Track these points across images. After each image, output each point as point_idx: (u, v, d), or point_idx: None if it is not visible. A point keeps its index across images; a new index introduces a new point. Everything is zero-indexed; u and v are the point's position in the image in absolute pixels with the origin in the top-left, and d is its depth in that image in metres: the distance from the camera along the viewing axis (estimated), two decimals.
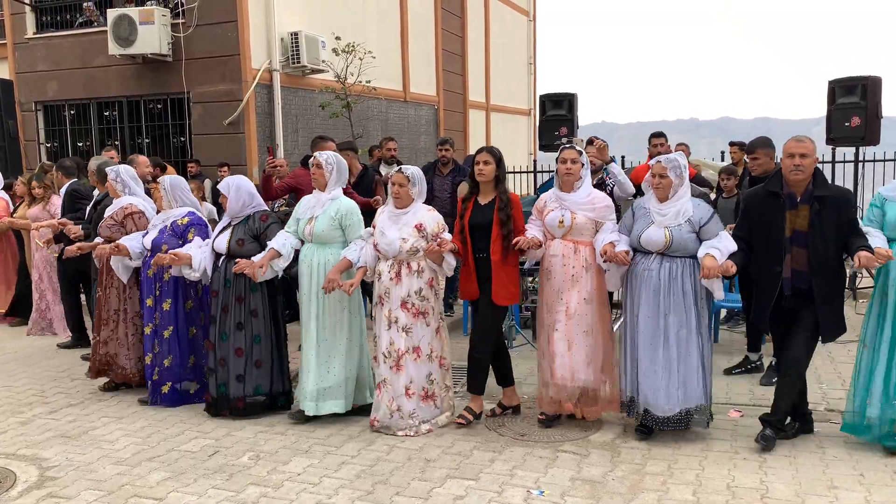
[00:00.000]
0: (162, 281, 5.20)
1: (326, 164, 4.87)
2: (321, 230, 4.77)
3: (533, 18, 21.56)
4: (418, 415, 4.63)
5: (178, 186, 5.34)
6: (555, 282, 4.55)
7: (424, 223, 4.60)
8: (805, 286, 4.11)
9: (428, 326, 4.65)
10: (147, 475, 4.13)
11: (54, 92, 11.21)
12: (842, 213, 4.09)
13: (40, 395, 5.60)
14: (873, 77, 7.74)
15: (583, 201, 4.54)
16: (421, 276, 4.60)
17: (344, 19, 11.80)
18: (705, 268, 4.11)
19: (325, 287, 4.63)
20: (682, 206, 4.27)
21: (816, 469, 3.95)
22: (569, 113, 9.08)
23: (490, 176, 4.59)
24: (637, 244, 4.35)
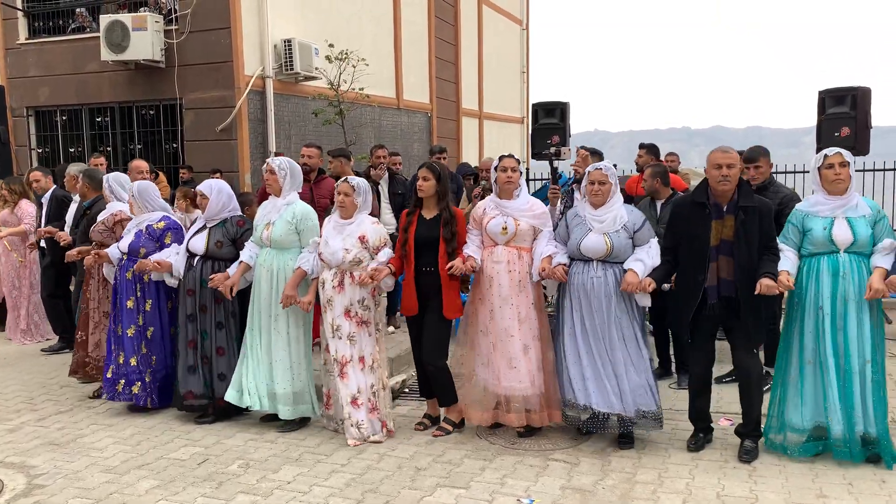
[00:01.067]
0: (142, 282, 5.24)
1: (279, 170, 4.91)
2: (278, 235, 4.81)
3: (526, 27, 21.64)
4: (366, 426, 4.63)
5: (145, 191, 5.39)
6: (501, 289, 4.58)
7: (367, 235, 4.66)
8: (732, 294, 4.17)
9: (370, 336, 4.72)
10: (136, 483, 4.10)
11: (46, 97, 11.17)
12: (763, 224, 4.18)
13: (29, 403, 5.57)
14: (863, 88, 7.79)
15: (524, 208, 4.63)
16: (364, 287, 4.64)
17: (337, 27, 11.81)
18: (625, 282, 4.26)
19: (283, 303, 4.71)
20: (618, 213, 4.40)
21: (806, 478, 3.96)
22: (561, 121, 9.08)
23: (430, 192, 4.65)
24: (577, 252, 4.43)
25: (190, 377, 5.03)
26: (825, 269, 4.12)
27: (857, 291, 4.06)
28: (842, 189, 4.13)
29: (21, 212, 7.35)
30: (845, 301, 4.08)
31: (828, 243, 4.13)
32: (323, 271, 4.71)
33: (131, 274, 5.24)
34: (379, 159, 7.62)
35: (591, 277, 4.37)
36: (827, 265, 4.13)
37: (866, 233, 4.08)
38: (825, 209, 4.16)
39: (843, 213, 4.12)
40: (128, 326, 5.23)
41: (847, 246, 4.10)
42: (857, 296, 4.06)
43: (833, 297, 4.10)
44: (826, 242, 4.13)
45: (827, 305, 4.11)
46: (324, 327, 4.74)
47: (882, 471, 4.01)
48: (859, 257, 4.10)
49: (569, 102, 9.26)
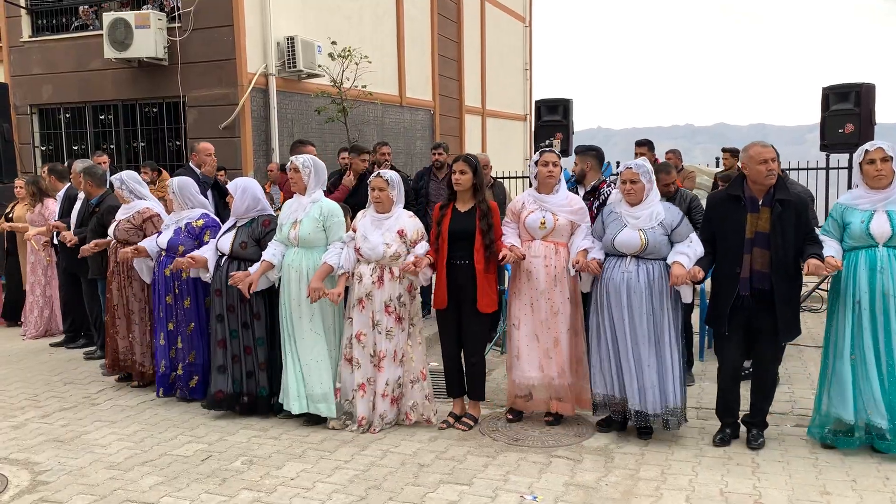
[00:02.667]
0: (180, 280, 5.27)
1: (304, 168, 4.86)
2: (306, 234, 4.78)
3: (529, 24, 21.62)
4: (388, 417, 4.76)
5: (186, 188, 5.42)
6: (538, 283, 4.62)
7: (406, 229, 4.66)
8: (766, 287, 4.17)
9: (403, 331, 4.74)
10: (139, 480, 4.11)
11: (49, 95, 11.19)
12: (801, 217, 4.18)
13: (33, 399, 5.58)
14: (867, 84, 7.79)
15: (563, 203, 4.64)
16: (402, 282, 4.67)
17: (340, 24, 11.81)
18: (674, 275, 4.24)
19: (311, 296, 4.67)
20: (655, 210, 4.38)
21: (809, 474, 3.96)
22: (564, 118, 9.11)
23: (467, 185, 4.65)
24: (611, 248, 4.44)
25: (219, 376, 5.04)
26: (863, 264, 4.10)
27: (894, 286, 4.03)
28: (884, 184, 4.07)
29: (48, 211, 7.39)
30: (884, 296, 4.05)
31: (865, 237, 4.10)
32: (359, 266, 4.69)
33: (169, 271, 5.27)
34: (383, 156, 7.63)
35: (623, 272, 4.37)
36: (865, 259, 4.10)
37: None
38: (865, 202, 4.14)
39: (883, 206, 4.08)
40: (168, 322, 5.33)
41: (886, 240, 4.06)
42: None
43: (871, 291, 4.07)
44: (864, 236, 4.10)
45: (865, 300, 4.09)
46: (355, 321, 4.70)
47: (886, 468, 4.01)
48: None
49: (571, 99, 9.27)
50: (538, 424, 4.79)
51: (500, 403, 5.23)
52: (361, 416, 4.73)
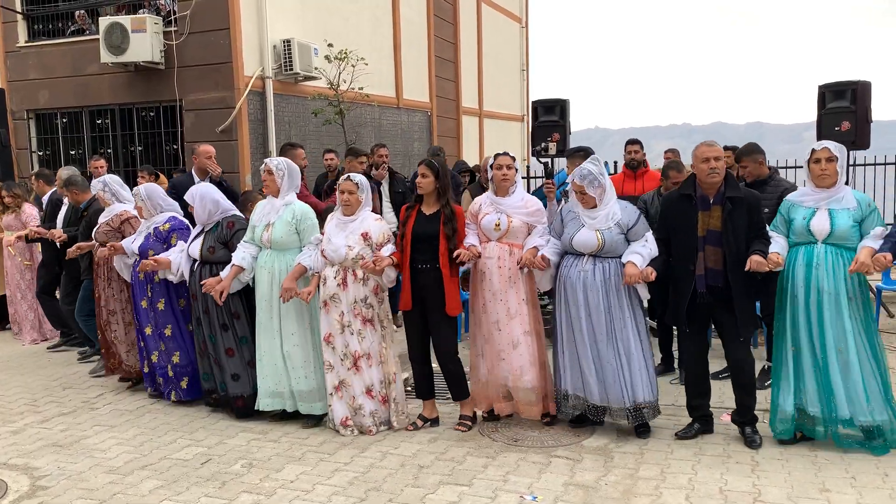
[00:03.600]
0: (153, 283, 5.37)
1: (277, 170, 4.91)
2: (279, 236, 4.82)
3: (525, 25, 21.62)
4: (379, 415, 4.76)
5: (154, 194, 5.52)
6: (491, 284, 4.66)
7: (370, 232, 4.67)
8: (720, 283, 4.26)
9: (375, 332, 4.74)
10: (139, 483, 4.11)
11: (46, 100, 11.18)
12: (752, 214, 4.27)
13: (32, 404, 5.58)
14: (863, 82, 7.79)
15: (518, 205, 4.68)
16: (366, 284, 4.68)
17: (337, 26, 11.81)
18: (626, 275, 4.31)
19: (283, 296, 4.71)
20: (611, 210, 4.43)
21: (808, 472, 3.97)
22: (561, 119, 9.10)
23: (429, 188, 4.66)
24: (569, 247, 4.49)
25: (206, 383, 5.19)
26: (801, 259, 4.20)
27: (832, 282, 4.11)
28: (828, 183, 4.16)
29: (25, 216, 7.43)
30: (818, 291, 4.14)
31: (806, 233, 4.19)
32: (325, 269, 4.72)
33: (143, 275, 5.37)
34: (381, 158, 7.63)
35: (580, 271, 4.44)
36: (803, 255, 4.20)
37: (846, 225, 4.11)
38: (810, 200, 4.23)
39: (826, 204, 4.17)
40: (145, 325, 5.44)
41: (824, 237, 4.15)
42: (833, 287, 4.10)
43: (807, 286, 4.17)
44: (804, 232, 4.19)
45: (801, 294, 4.20)
46: (324, 325, 4.74)
47: (885, 465, 4.02)
48: (837, 249, 4.14)
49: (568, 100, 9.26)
50: (537, 425, 4.79)
51: None
52: (343, 416, 4.74)
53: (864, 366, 4.12)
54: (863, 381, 4.11)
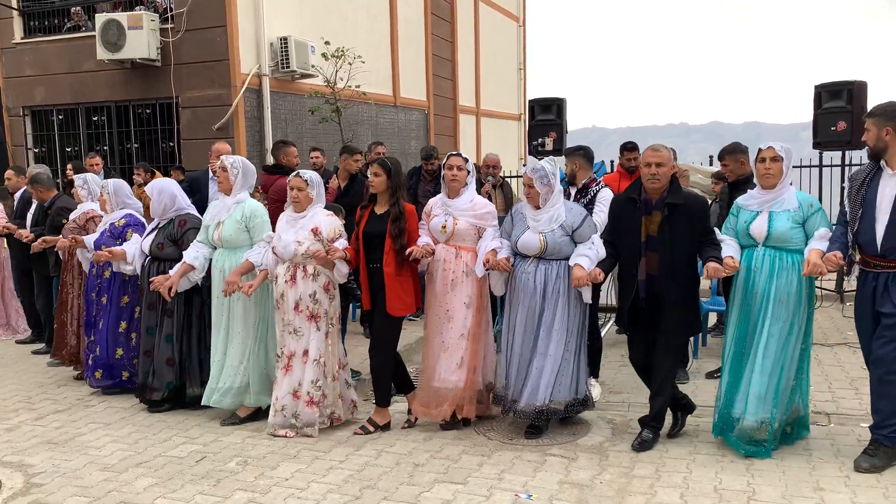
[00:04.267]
0: (102, 277, 5.60)
1: (232, 168, 4.95)
2: (228, 234, 4.88)
3: (522, 23, 21.62)
4: (302, 417, 4.70)
5: (121, 190, 5.71)
6: (435, 286, 4.69)
7: (320, 227, 4.67)
8: (659, 289, 4.25)
9: (318, 331, 4.71)
10: (134, 481, 4.10)
11: (42, 97, 11.15)
12: (694, 220, 4.23)
13: (27, 402, 5.57)
14: (859, 81, 7.80)
15: (465, 207, 4.68)
16: (316, 280, 4.67)
17: (334, 24, 11.79)
18: (574, 278, 4.32)
19: (225, 290, 4.77)
20: (555, 213, 4.44)
21: (803, 471, 3.97)
22: (558, 117, 9.09)
23: (381, 187, 4.65)
24: (516, 248, 4.53)
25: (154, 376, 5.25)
26: (742, 262, 4.22)
27: (765, 286, 4.13)
28: (772, 183, 4.16)
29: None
30: (755, 294, 4.17)
31: (747, 237, 4.22)
32: (277, 266, 4.74)
33: (96, 269, 5.63)
34: (378, 156, 7.61)
35: (523, 273, 4.49)
36: (744, 258, 4.23)
37: (784, 227, 4.11)
38: (755, 203, 4.25)
39: (769, 207, 4.18)
40: (91, 315, 5.72)
41: (763, 240, 4.17)
42: (766, 290, 4.13)
43: (745, 289, 4.21)
44: (746, 235, 4.23)
45: (738, 296, 4.24)
46: (277, 324, 4.80)
47: None
48: (777, 251, 4.15)
49: (565, 99, 9.26)
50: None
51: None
52: (271, 417, 4.78)
53: (774, 371, 4.13)
54: (766, 385, 4.12)
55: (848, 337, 6.50)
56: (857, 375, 5.52)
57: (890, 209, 3.84)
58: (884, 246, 3.86)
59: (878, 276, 3.92)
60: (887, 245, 3.85)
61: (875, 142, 3.89)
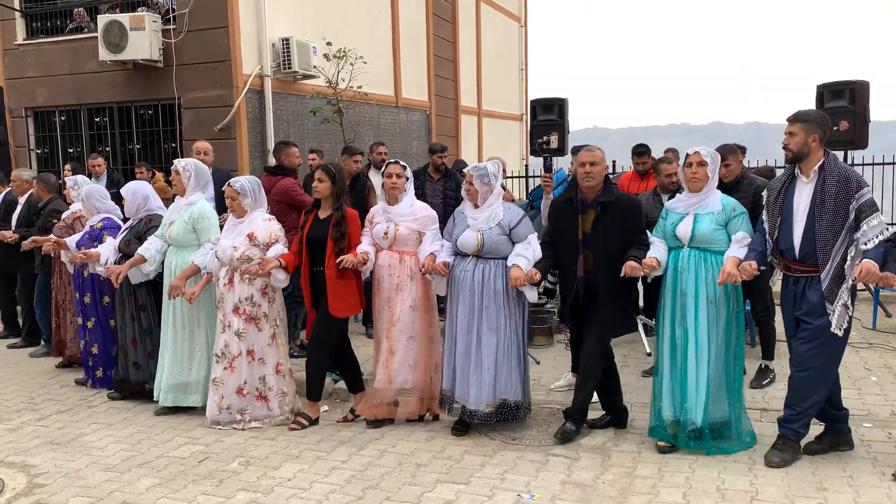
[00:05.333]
0: (83, 277, 5.80)
1: (184, 171, 5.17)
2: (176, 234, 5.11)
3: (524, 24, 21.60)
4: (249, 411, 4.90)
5: (92, 195, 5.93)
6: (383, 291, 4.80)
7: (256, 232, 4.83)
8: (595, 286, 4.39)
9: (260, 332, 4.89)
10: (136, 482, 4.11)
11: (44, 98, 11.15)
12: (628, 219, 4.40)
13: (29, 402, 5.57)
14: (861, 81, 7.78)
15: (405, 213, 4.80)
16: (252, 284, 4.84)
17: (335, 25, 11.80)
18: (512, 278, 4.42)
19: (169, 294, 4.96)
20: (493, 212, 4.56)
21: (806, 471, 3.97)
22: (559, 118, 9.08)
23: (325, 193, 4.80)
24: (456, 247, 4.64)
25: (134, 371, 5.48)
26: (669, 264, 4.33)
27: (693, 286, 4.22)
28: (698, 187, 4.29)
29: None
30: (683, 294, 4.25)
31: (673, 238, 4.33)
32: (220, 270, 4.90)
33: (74, 270, 5.83)
34: (380, 156, 7.62)
35: (462, 271, 4.57)
36: (671, 260, 4.33)
37: (708, 228, 4.23)
38: (682, 206, 4.39)
39: (694, 209, 4.30)
40: (79, 316, 5.91)
41: (688, 241, 4.27)
42: (694, 290, 4.22)
43: (673, 290, 4.30)
44: (672, 237, 4.34)
45: (668, 298, 4.32)
46: (217, 324, 4.96)
47: (882, 464, 4.02)
48: (702, 253, 4.26)
49: (567, 99, 9.25)
50: (536, 423, 4.78)
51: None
52: (212, 413, 4.91)
53: (714, 370, 4.20)
54: (708, 385, 4.19)
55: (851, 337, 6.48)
56: (860, 376, 5.52)
57: (805, 216, 3.96)
58: (801, 251, 3.99)
59: (797, 281, 4.04)
60: (804, 250, 3.97)
61: (799, 147, 3.98)
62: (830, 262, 3.87)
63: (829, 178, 3.89)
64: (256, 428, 4.85)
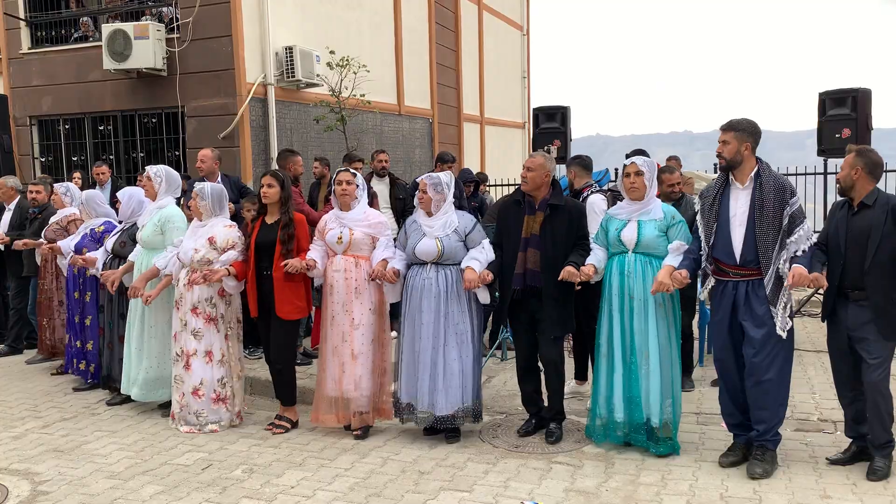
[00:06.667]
0: (84, 277, 5.96)
1: (155, 177, 5.40)
2: (146, 236, 5.31)
3: (526, 32, 21.65)
4: (206, 415, 4.98)
5: (92, 200, 6.15)
6: (339, 296, 4.81)
7: (216, 236, 4.95)
8: (538, 284, 4.51)
9: (218, 332, 5.00)
10: (140, 489, 4.11)
11: (49, 106, 11.20)
12: (573, 223, 4.58)
13: (33, 410, 5.58)
14: (863, 89, 7.81)
15: (359, 218, 4.87)
16: (211, 286, 4.94)
17: (338, 33, 11.84)
18: (466, 280, 4.53)
19: (129, 294, 5.20)
20: (448, 219, 4.68)
21: (809, 478, 3.96)
22: (562, 125, 9.13)
23: (274, 198, 4.90)
24: (413, 256, 4.69)
25: (100, 361, 5.73)
26: (615, 268, 4.43)
27: (641, 289, 4.32)
28: (638, 196, 4.40)
29: None
30: (630, 298, 4.34)
31: (618, 243, 4.42)
32: (181, 271, 5.01)
33: (77, 269, 5.98)
34: (381, 164, 7.64)
35: (424, 279, 4.63)
36: (616, 264, 4.43)
37: (652, 234, 4.35)
38: (623, 213, 4.47)
39: (637, 216, 4.41)
40: (75, 314, 6.07)
41: (633, 247, 4.37)
42: (642, 293, 4.31)
43: (620, 294, 4.38)
44: (616, 243, 4.43)
45: (615, 302, 4.40)
46: (174, 323, 5.07)
47: None
48: (647, 258, 4.36)
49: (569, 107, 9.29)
50: (539, 431, 4.77)
51: (499, 410, 5.24)
52: (173, 411, 5.03)
53: (664, 369, 4.31)
54: (661, 385, 4.29)
55: None
56: None
57: (745, 221, 4.05)
58: (743, 256, 4.06)
59: (737, 286, 4.11)
60: (746, 256, 4.05)
61: (733, 155, 4.08)
62: (772, 266, 3.98)
63: (766, 185, 4.01)
64: (213, 431, 4.94)
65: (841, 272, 4.00)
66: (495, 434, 4.78)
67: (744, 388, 4.16)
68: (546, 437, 4.61)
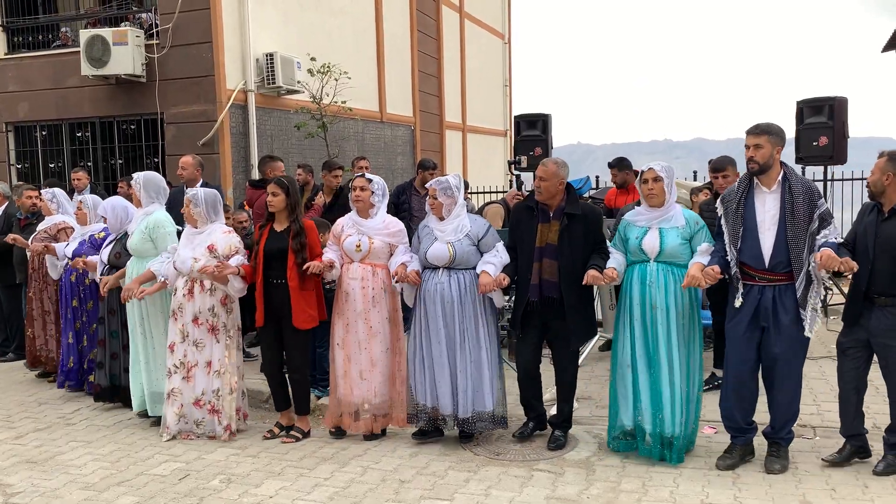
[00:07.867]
0: (84, 285, 5.86)
1: (136, 184, 5.29)
2: (135, 243, 5.21)
3: (508, 41, 21.75)
4: (206, 425, 4.94)
5: (97, 205, 6.00)
6: (355, 304, 4.77)
7: (216, 244, 4.86)
8: (554, 295, 4.43)
9: (218, 343, 4.92)
10: (115, 500, 4.04)
11: (26, 112, 11.07)
12: (590, 229, 4.47)
13: (6, 420, 5.48)
14: (840, 97, 7.89)
15: (379, 227, 4.82)
16: (213, 295, 4.88)
17: (320, 40, 11.81)
18: (481, 284, 4.49)
19: (123, 297, 5.09)
20: (460, 223, 4.61)
21: (789, 484, 3.97)
22: (543, 133, 9.15)
23: (280, 206, 4.82)
24: (425, 261, 4.65)
25: (98, 372, 5.56)
26: (636, 277, 4.35)
27: (663, 299, 4.26)
28: (657, 203, 4.33)
29: None
30: (652, 308, 4.28)
31: (639, 252, 4.35)
32: (178, 280, 4.92)
33: (75, 276, 5.87)
34: (361, 170, 7.61)
35: (437, 283, 4.59)
36: (638, 273, 4.35)
37: (675, 242, 4.28)
38: (642, 219, 4.41)
39: (657, 224, 4.33)
40: (75, 322, 5.91)
41: (656, 255, 4.31)
42: (664, 303, 4.25)
43: (642, 303, 4.32)
44: (637, 251, 4.35)
45: (637, 311, 4.33)
46: (170, 333, 4.97)
47: (865, 476, 4.03)
48: (669, 266, 4.31)
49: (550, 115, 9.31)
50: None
51: None
52: (169, 423, 4.93)
53: (685, 380, 4.29)
54: (683, 395, 4.28)
55: (832, 350, 6.52)
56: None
57: (776, 225, 4.03)
58: (772, 261, 4.05)
59: (763, 290, 4.09)
60: (776, 260, 4.04)
61: (766, 159, 4.06)
62: (804, 269, 3.98)
63: (795, 188, 4.01)
64: (211, 438, 4.89)
65: (868, 277, 3.98)
66: (476, 442, 4.76)
67: (752, 391, 4.18)
68: (549, 443, 4.58)
